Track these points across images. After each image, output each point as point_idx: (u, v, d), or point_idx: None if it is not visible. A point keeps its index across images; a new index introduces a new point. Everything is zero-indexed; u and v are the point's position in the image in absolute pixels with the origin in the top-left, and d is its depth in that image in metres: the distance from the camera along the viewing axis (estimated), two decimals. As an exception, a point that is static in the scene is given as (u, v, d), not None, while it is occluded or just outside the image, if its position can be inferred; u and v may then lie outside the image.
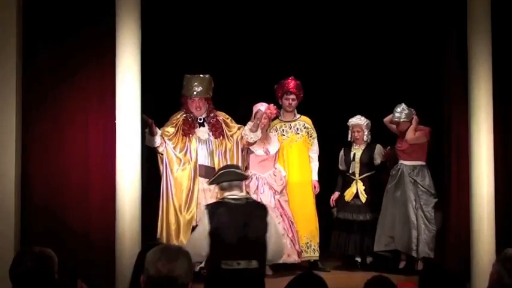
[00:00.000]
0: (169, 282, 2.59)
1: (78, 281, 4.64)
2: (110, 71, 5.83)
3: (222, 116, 6.76)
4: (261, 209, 4.75)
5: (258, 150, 6.86)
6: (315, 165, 7.16)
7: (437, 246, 6.77)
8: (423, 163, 7.01)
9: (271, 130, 7.13)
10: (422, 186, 6.91)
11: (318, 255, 6.98)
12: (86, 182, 6.00)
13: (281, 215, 6.71)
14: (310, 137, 7.17)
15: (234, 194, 4.70)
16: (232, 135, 6.69)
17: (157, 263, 2.61)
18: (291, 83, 7.09)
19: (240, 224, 4.59)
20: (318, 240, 6.99)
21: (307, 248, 6.93)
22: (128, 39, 5.75)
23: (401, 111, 6.99)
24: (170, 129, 6.58)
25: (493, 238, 5.89)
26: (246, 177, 4.89)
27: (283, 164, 7.06)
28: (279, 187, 6.81)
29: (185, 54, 7.67)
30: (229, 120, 6.77)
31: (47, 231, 5.81)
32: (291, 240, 6.70)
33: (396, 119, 7.02)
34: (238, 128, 6.73)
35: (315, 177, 7.13)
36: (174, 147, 6.54)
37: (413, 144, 6.96)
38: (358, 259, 7.16)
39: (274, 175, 6.85)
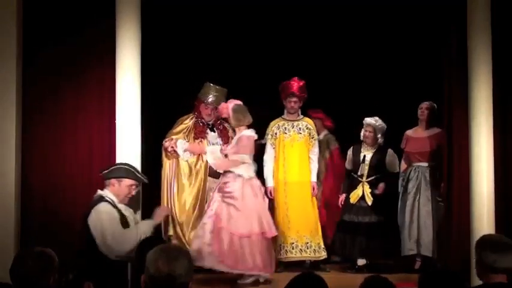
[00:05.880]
0: (169, 281, 2.60)
1: (85, 284, 4.66)
2: (110, 71, 5.84)
3: (226, 123, 6.81)
4: (88, 209, 4.97)
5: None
6: (315, 166, 7.11)
7: (438, 246, 6.79)
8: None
9: (272, 128, 7.11)
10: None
11: (318, 256, 6.91)
12: (86, 182, 5.99)
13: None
14: (312, 138, 7.13)
15: None
16: None
17: (157, 262, 2.62)
18: (294, 85, 7.00)
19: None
20: (319, 240, 6.93)
21: (307, 248, 6.88)
22: (128, 40, 5.76)
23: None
24: (180, 135, 6.68)
25: (492, 238, 5.88)
26: (106, 177, 5.17)
27: (283, 161, 7.01)
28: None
29: (185, 55, 7.68)
30: (230, 129, 6.81)
31: (47, 231, 5.82)
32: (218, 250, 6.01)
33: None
34: None
35: (314, 178, 7.09)
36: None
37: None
38: (363, 261, 7.05)
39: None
